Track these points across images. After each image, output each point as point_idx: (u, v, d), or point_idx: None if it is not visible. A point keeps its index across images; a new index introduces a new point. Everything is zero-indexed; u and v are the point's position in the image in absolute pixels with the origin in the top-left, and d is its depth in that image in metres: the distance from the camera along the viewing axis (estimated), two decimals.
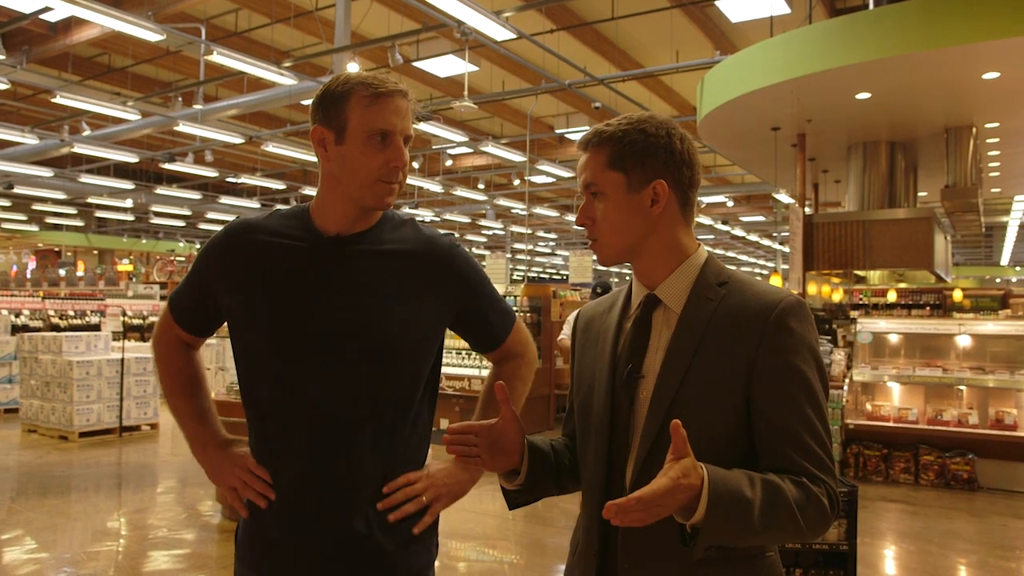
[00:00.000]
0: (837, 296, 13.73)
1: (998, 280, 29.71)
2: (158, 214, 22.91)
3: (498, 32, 7.82)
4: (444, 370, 10.70)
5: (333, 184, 1.50)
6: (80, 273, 21.47)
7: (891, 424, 7.34)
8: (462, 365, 9.09)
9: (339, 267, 1.49)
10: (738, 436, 1.23)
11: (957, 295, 13.93)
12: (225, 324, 1.62)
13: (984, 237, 24.60)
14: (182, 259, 20.91)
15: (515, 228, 25.09)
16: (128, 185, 17.71)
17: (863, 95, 7.41)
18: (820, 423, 1.22)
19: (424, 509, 1.54)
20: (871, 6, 8.03)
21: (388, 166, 1.44)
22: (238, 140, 12.98)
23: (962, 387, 7.30)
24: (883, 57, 6.42)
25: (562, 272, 38.71)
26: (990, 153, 9.98)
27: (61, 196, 18.91)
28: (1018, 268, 32.31)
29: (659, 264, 1.32)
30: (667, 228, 1.32)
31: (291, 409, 1.48)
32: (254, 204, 21.05)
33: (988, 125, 8.52)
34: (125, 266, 23.28)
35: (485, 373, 8.99)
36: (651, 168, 1.29)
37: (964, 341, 7.68)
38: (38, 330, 11.51)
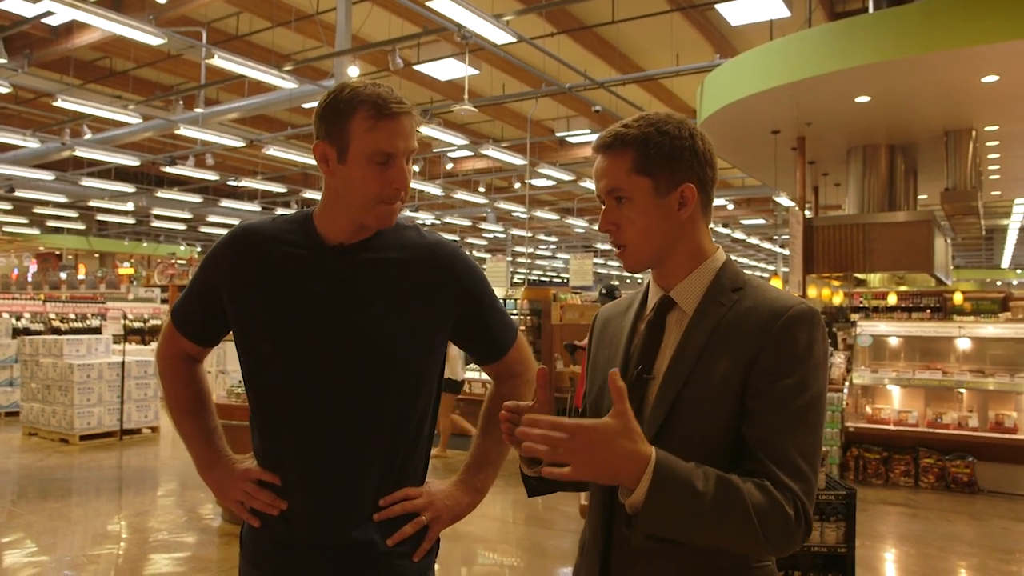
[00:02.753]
0: (837, 299, 13.72)
1: (999, 283, 29.71)
2: (159, 217, 22.93)
3: (498, 36, 7.85)
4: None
5: (335, 198, 1.49)
6: (81, 276, 21.50)
7: (891, 427, 7.34)
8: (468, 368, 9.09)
9: (342, 276, 1.49)
10: (736, 440, 1.21)
11: (957, 298, 13.92)
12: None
13: (984, 240, 24.62)
14: (183, 262, 20.89)
15: (516, 231, 25.10)
16: (129, 188, 17.74)
17: (863, 98, 7.43)
18: (812, 438, 1.18)
19: (423, 531, 1.53)
20: (871, 10, 8.05)
21: (390, 187, 1.43)
22: (239, 143, 13.02)
23: (962, 390, 7.30)
24: (882, 60, 6.44)
25: (563, 275, 38.71)
26: (990, 156, 9.99)
27: (62, 199, 18.95)
28: (1019, 271, 32.29)
29: (679, 267, 1.31)
30: (692, 230, 1.30)
31: (293, 415, 1.49)
32: (255, 207, 21.06)
33: (988, 128, 8.54)
34: (126, 269, 23.30)
35: (485, 376, 9.00)
36: (678, 172, 1.27)
37: (964, 344, 7.69)
38: (39, 333, 11.53)
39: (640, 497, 1.06)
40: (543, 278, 40.31)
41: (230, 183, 18.27)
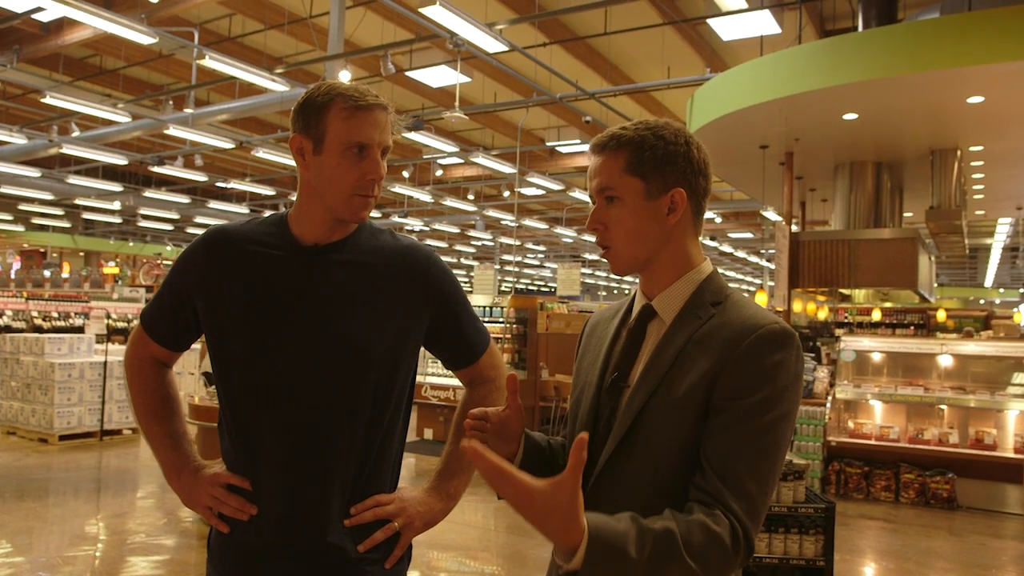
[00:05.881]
0: (822, 314, 13.83)
1: (982, 301, 29.98)
2: (146, 217, 22.78)
3: (491, 44, 7.87)
4: (429, 380, 10.51)
5: (311, 193, 1.50)
6: (65, 275, 21.33)
7: (872, 442, 7.39)
8: (447, 375, 9.08)
9: (315, 276, 1.49)
10: (697, 453, 1.20)
11: (941, 315, 14.05)
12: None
13: (968, 259, 24.88)
14: (169, 263, 20.77)
15: (504, 239, 25.12)
16: (116, 187, 17.62)
17: (850, 116, 7.50)
18: (766, 460, 1.17)
19: (394, 538, 1.53)
20: (860, 28, 8.13)
21: (364, 179, 1.45)
22: (228, 145, 12.96)
23: (943, 406, 7.36)
24: (870, 79, 6.51)
25: (550, 284, 38.75)
26: (974, 176, 10.10)
27: (48, 197, 18.78)
28: (1001, 290, 32.61)
29: (664, 275, 1.31)
30: (680, 237, 1.30)
31: (267, 417, 1.48)
32: (243, 209, 20.99)
33: (973, 148, 8.63)
34: (111, 268, 23.13)
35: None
36: (670, 176, 1.26)
37: (946, 361, 7.75)
38: (20, 331, 11.41)
39: (576, 566, 1.04)
40: (531, 287, 40.35)
41: (219, 184, 18.20)
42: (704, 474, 1.16)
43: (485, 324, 1.77)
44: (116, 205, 19.88)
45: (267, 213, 1.77)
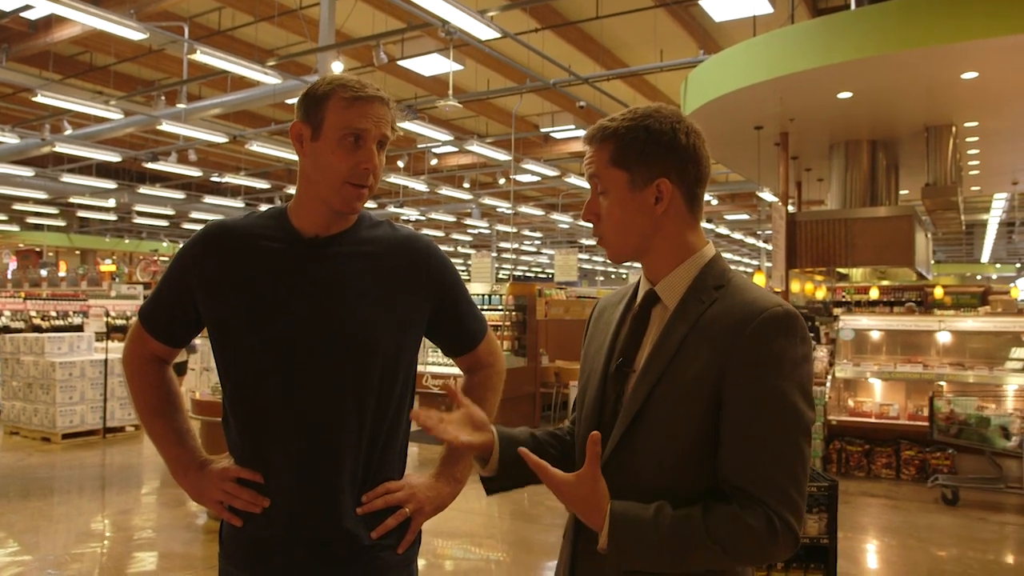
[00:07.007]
0: (820, 294, 13.84)
1: (979, 277, 30.02)
2: (141, 214, 22.72)
3: (483, 31, 7.83)
4: (430, 369, 10.52)
5: (308, 184, 1.51)
6: (62, 274, 21.30)
7: (873, 420, 7.43)
8: (448, 364, 9.09)
9: (316, 268, 1.50)
10: (709, 442, 1.20)
11: (938, 292, 14.06)
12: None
13: (965, 235, 24.87)
14: (165, 259, 20.76)
15: (500, 227, 25.08)
16: (111, 185, 17.56)
17: (845, 94, 7.48)
18: (789, 447, 1.17)
19: (406, 524, 1.56)
20: (852, 6, 8.10)
21: (358, 167, 1.46)
22: (222, 139, 12.92)
23: (942, 383, 7.39)
24: (864, 57, 6.49)
25: (548, 271, 38.74)
26: (970, 152, 10.09)
27: (42, 196, 18.71)
28: (998, 265, 32.66)
29: (663, 261, 1.31)
30: (673, 226, 1.29)
31: (273, 410, 1.49)
32: (238, 203, 20.92)
33: (967, 124, 8.61)
34: (108, 266, 23.09)
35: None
36: (655, 166, 1.26)
37: (944, 337, 7.77)
38: (19, 331, 11.41)
39: (602, 545, 1.18)
40: (528, 274, 40.35)
41: (213, 179, 18.14)
42: (734, 470, 1.18)
43: (484, 312, 1.80)
44: (111, 203, 19.82)
45: (263, 207, 1.78)
